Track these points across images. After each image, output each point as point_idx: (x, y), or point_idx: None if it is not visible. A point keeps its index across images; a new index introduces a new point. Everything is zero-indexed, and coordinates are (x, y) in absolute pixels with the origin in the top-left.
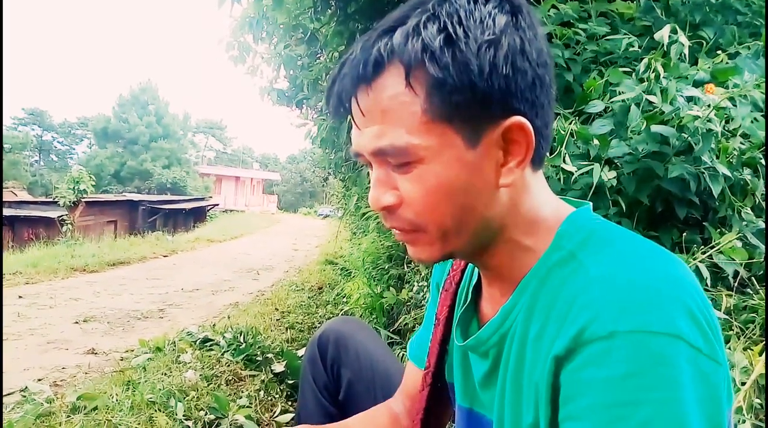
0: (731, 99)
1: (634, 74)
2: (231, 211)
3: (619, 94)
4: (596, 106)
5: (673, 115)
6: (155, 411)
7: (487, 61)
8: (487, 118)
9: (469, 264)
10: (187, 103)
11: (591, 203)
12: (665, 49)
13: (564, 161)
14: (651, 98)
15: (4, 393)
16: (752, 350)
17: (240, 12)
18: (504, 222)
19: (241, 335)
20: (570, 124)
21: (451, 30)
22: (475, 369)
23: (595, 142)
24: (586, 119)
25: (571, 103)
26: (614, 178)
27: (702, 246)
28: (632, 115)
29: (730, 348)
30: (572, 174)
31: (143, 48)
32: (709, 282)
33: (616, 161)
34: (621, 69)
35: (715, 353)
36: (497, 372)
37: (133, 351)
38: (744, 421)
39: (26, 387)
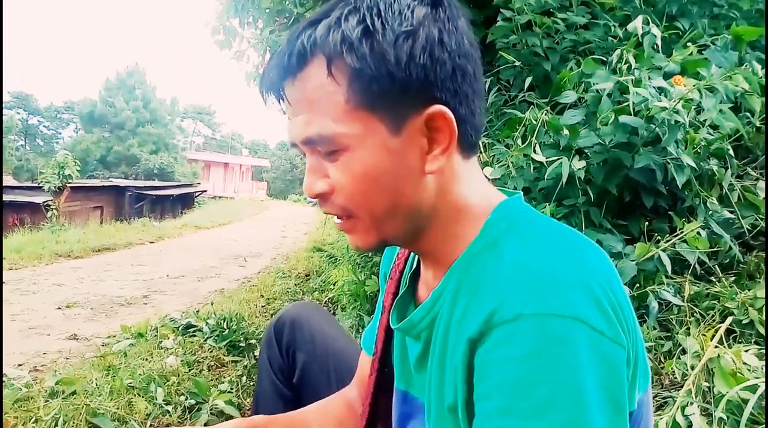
0: (699, 90)
1: (607, 65)
2: (219, 197)
3: (593, 84)
4: (569, 96)
5: (642, 105)
6: (135, 396)
7: (404, 51)
8: (408, 106)
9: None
10: (174, 88)
11: (521, 193)
12: (639, 39)
13: (534, 151)
14: (622, 88)
15: None
16: (705, 336)
17: None
18: (434, 209)
19: (224, 321)
20: (542, 113)
21: (369, 22)
22: (410, 352)
23: (566, 131)
24: (562, 109)
25: (549, 92)
26: (583, 167)
27: (668, 235)
28: (603, 105)
29: (690, 335)
30: (544, 164)
31: (130, 31)
32: (669, 269)
33: (586, 151)
34: (599, 59)
35: (618, 336)
36: (428, 354)
37: (115, 336)
38: (692, 403)
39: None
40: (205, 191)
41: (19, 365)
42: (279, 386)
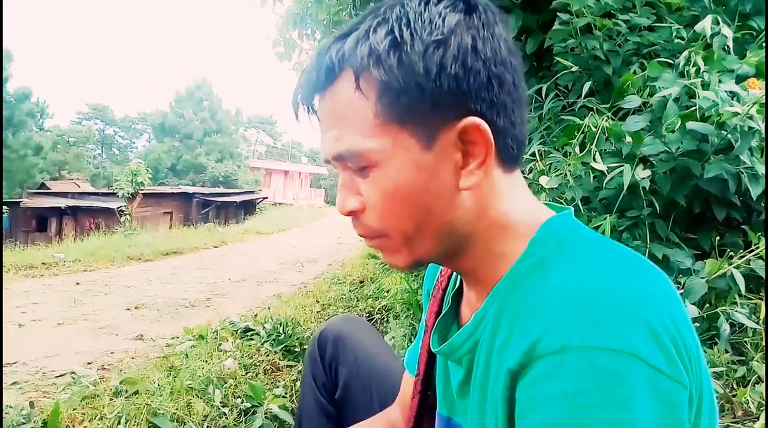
0: None
1: (674, 68)
2: (280, 204)
3: (659, 88)
4: (632, 101)
5: (713, 111)
6: (193, 397)
7: (434, 61)
8: (440, 119)
9: None
10: (239, 99)
11: (572, 208)
12: (708, 41)
13: (594, 159)
14: (689, 93)
15: (56, 374)
16: None
17: (284, 9)
18: (472, 227)
19: (281, 326)
20: (602, 119)
21: (397, 33)
22: (453, 377)
23: (628, 139)
24: (624, 115)
25: (611, 97)
26: (648, 177)
27: (742, 251)
28: (669, 111)
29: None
30: (604, 173)
31: (198, 47)
32: (743, 288)
33: (651, 159)
34: (665, 62)
35: (679, 374)
36: (470, 381)
37: (178, 338)
38: None
39: (74, 372)
40: (267, 198)
41: (89, 363)
42: (322, 402)
